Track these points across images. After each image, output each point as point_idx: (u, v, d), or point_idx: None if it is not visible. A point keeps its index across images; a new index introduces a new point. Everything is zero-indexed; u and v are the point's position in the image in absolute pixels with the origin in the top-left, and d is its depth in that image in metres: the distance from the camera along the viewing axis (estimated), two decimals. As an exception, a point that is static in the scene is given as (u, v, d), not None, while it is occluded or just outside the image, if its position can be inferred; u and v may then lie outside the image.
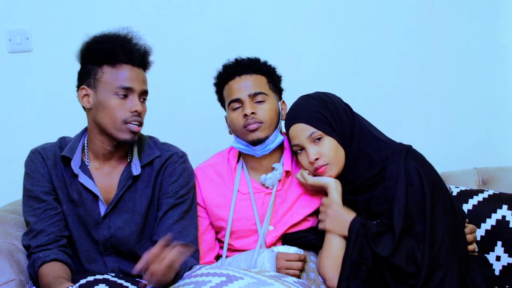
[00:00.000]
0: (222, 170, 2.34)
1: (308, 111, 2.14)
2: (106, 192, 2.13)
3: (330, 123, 2.12)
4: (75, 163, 2.11)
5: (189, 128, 2.87)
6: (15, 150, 2.70)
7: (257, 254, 2.18)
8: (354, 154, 2.12)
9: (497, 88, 3.07)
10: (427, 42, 3.01)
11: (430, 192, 2.01)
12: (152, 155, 2.16)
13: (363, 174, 2.10)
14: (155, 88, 2.42)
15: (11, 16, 2.79)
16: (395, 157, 2.08)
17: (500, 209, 2.40)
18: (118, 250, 2.14)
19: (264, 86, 2.25)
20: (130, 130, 2.06)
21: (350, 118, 2.15)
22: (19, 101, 2.81)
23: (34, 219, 2.09)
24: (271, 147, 2.24)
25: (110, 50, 2.05)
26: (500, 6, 3.04)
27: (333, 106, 2.15)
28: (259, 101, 2.22)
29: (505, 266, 2.35)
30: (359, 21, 2.97)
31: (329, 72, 2.93)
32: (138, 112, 2.06)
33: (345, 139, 2.12)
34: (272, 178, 2.27)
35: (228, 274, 1.94)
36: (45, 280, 1.97)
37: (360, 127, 2.15)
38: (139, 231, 2.14)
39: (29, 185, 2.12)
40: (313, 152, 2.11)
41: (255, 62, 2.28)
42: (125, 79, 2.05)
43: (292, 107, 2.20)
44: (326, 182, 2.14)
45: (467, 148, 3.02)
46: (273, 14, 2.93)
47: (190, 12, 2.88)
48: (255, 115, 2.20)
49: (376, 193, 2.09)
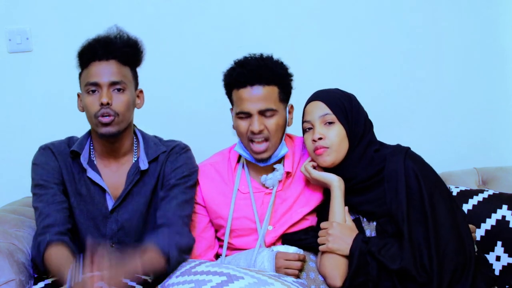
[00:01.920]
0: (222, 169, 2.34)
1: (332, 96, 2.15)
2: (114, 189, 2.18)
3: (347, 115, 2.12)
4: (84, 158, 2.17)
5: (190, 127, 2.87)
6: (15, 150, 2.71)
7: (256, 253, 2.19)
8: (358, 155, 2.12)
9: (497, 88, 3.06)
10: (427, 43, 3.00)
11: (429, 196, 2.00)
12: (158, 151, 2.22)
13: (361, 173, 2.10)
14: (155, 88, 2.43)
15: (11, 16, 2.78)
16: (394, 157, 2.08)
17: (500, 209, 2.40)
18: (125, 244, 2.16)
19: (275, 100, 2.18)
20: (101, 122, 2.09)
21: (366, 123, 2.16)
22: (19, 101, 2.81)
23: (42, 204, 2.11)
24: (273, 160, 2.25)
25: (82, 54, 2.12)
26: (500, 6, 3.04)
27: (355, 105, 2.16)
28: (268, 115, 2.18)
29: (505, 266, 2.34)
30: (359, 21, 2.96)
31: (329, 72, 2.93)
32: (105, 104, 2.07)
33: (354, 136, 2.12)
34: (272, 178, 2.27)
35: (228, 274, 1.94)
36: (55, 262, 1.97)
37: (372, 138, 2.16)
38: (144, 220, 2.19)
39: (38, 175, 2.16)
40: (319, 131, 2.11)
41: (268, 71, 2.17)
42: (91, 75, 2.10)
43: (318, 90, 2.20)
44: (330, 179, 2.13)
45: (467, 148, 3.02)
46: (273, 14, 2.92)
47: (190, 12, 2.88)
48: (263, 131, 2.18)
49: (373, 195, 2.09)
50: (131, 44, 2.15)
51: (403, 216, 1.99)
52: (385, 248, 2.00)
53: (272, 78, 2.17)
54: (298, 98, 2.26)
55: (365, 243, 2.03)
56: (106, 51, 2.10)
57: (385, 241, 2.02)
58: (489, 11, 3.03)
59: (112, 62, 2.10)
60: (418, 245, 1.97)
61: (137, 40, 2.17)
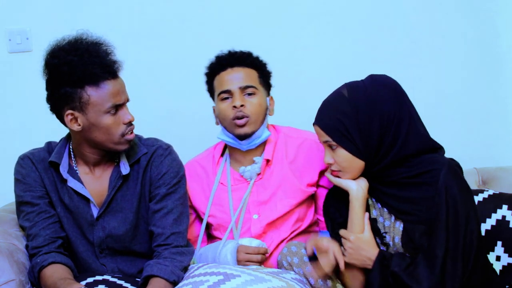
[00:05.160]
0: (207, 165, 2.39)
1: (330, 117, 1.99)
2: (98, 195, 2.13)
3: (350, 135, 1.96)
4: (64, 168, 2.11)
5: (190, 127, 2.87)
6: (15, 150, 2.69)
7: (222, 246, 2.22)
8: (385, 165, 1.98)
9: (497, 88, 3.06)
10: (427, 43, 3.01)
11: (465, 222, 1.90)
12: (139, 152, 2.16)
13: (397, 172, 1.98)
14: (155, 88, 2.44)
15: (11, 16, 2.78)
16: (443, 171, 1.93)
17: (500, 209, 2.40)
18: (114, 250, 2.15)
19: (255, 80, 2.30)
20: (127, 140, 2.07)
21: (388, 130, 1.96)
22: (19, 101, 2.81)
23: (28, 224, 2.11)
24: (256, 142, 2.29)
25: (89, 71, 1.98)
26: (500, 6, 3.04)
27: (364, 116, 1.96)
28: (249, 93, 2.27)
29: (505, 266, 2.35)
30: (359, 21, 2.97)
31: (329, 72, 2.93)
32: (131, 122, 2.07)
33: (367, 153, 1.97)
34: (250, 171, 2.31)
35: (225, 273, 1.95)
36: (50, 282, 1.98)
37: (405, 142, 1.97)
38: (133, 228, 2.15)
39: (21, 191, 2.13)
40: (327, 157, 2.03)
41: (248, 56, 2.32)
42: (112, 96, 2.01)
43: (322, 104, 2.05)
44: (348, 188, 2.03)
45: (467, 148, 3.02)
46: (273, 14, 2.92)
47: (191, 12, 2.88)
48: (244, 108, 2.24)
49: (411, 195, 1.97)
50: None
51: (443, 235, 1.89)
52: (409, 269, 1.91)
53: (251, 62, 2.31)
54: (299, 98, 2.26)
55: (386, 265, 1.94)
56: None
57: (407, 261, 1.93)
58: (489, 11, 3.03)
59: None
60: (451, 270, 1.88)
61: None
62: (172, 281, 2.01)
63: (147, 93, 2.83)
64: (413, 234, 1.96)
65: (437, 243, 1.89)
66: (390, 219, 2.04)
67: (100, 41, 2.05)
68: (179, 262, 2.06)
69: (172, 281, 2.01)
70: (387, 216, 2.05)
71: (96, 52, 2.02)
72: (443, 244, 1.88)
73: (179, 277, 2.03)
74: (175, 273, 2.02)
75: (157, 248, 2.10)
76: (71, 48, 2.02)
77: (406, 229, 1.98)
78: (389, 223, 2.04)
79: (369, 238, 2.01)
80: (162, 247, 2.09)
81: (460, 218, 1.90)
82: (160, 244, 2.10)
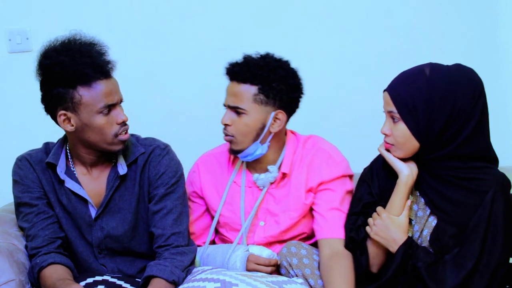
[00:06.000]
0: (223, 160, 2.35)
1: (403, 89, 1.93)
2: (95, 196, 2.13)
3: (416, 114, 1.90)
4: (61, 169, 2.11)
5: (190, 127, 2.87)
6: (15, 150, 2.69)
7: (232, 251, 2.20)
8: (440, 156, 1.93)
9: (497, 88, 3.06)
10: (427, 42, 3.01)
11: (501, 247, 1.88)
12: (137, 152, 2.15)
13: (448, 167, 1.94)
14: (155, 88, 2.44)
15: (11, 16, 2.79)
16: (495, 187, 1.90)
17: (500, 209, 2.39)
18: (113, 250, 2.15)
19: (247, 100, 2.14)
20: (121, 140, 2.06)
21: (456, 122, 1.90)
22: (19, 101, 2.81)
23: (27, 224, 2.11)
24: (249, 158, 2.22)
25: (80, 71, 1.96)
26: (500, 6, 3.04)
27: (437, 99, 1.89)
28: (238, 112, 2.16)
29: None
30: (359, 21, 2.97)
31: (329, 73, 2.93)
32: (124, 122, 2.05)
33: (426, 137, 1.91)
34: (264, 179, 2.25)
35: (224, 281, 1.95)
36: (49, 282, 1.98)
37: (467, 140, 1.92)
38: (132, 228, 2.14)
39: (19, 192, 2.13)
40: (386, 127, 1.98)
41: (246, 70, 2.14)
42: (104, 95, 2.00)
43: (400, 74, 1.99)
44: (400, 170, 1.97)
45: (467, 148, 3.02)
46: (274, 13, 2.93)
47: (191, 12, 2.89)
48: (228, 127, 2.18)
49: (449, 193, 1.93)
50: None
51: (478, 244, 1.86)
52: (431, 267, 1.89)
53: (248, 77, 2.14)
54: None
55: (410, 255, 1.92)
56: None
57: (432, 258, 1.92)
58: (489, 11, 3.03)
59: None
60: (475, 285, 1.86)
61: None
62: (171, 281, 2.01)
63: (147, 93, 2.84)
64: (443, 233, 1.94)
65: (469, 254, 1.87)
66: (424, 211, 2.01)
67: (93, 42, 2.04)
68: (179, 262, 2.06)
69: (171, 281, 2.01)
70: (422, 207, 2.01)
71: (89, 52, 2.00)
72: (475, 258, 1.86)
73: (179, 277, 2.03)
74: (175, 273, 2.02)
75: (158, 250, 2.10)
76: (63, 48, 2.01)
77: (438, 227, 1.96)
78: (422, 214, 2.01)
79: (402, 222, 1.97)
80: (163, 248, 2.09)
81: (499, 239, 1.87)
82: (161, 245, 2.10)
